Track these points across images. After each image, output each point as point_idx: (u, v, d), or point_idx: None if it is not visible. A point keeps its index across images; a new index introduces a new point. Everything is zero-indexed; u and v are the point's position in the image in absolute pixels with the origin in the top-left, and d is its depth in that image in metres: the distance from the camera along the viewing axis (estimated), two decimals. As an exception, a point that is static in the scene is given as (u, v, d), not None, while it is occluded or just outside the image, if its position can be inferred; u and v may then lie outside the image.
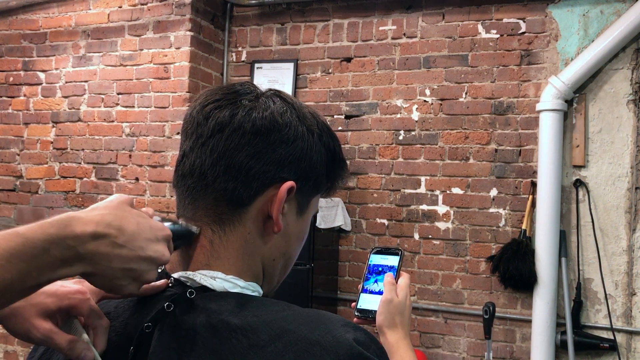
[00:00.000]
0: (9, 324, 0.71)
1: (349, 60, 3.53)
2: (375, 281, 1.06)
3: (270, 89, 0.81)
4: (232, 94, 0.77)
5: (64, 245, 0.61)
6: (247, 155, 0.74)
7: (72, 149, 3.76)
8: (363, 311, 1.04)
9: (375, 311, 1.01)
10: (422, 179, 3.37)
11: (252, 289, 0.76)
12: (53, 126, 3.81)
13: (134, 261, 0.65)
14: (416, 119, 3.38)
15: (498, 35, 3.24)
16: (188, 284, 0.73)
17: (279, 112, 0.77)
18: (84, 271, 0.64)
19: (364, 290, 1.07)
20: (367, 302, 1.04)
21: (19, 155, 3.89)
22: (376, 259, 1.09)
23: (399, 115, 3.42)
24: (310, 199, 0.81)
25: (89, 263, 0.63)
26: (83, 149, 3.73)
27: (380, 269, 1.07)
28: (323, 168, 0.80)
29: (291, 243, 0.81)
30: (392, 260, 1.08)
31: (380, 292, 1.03)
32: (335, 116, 3.55)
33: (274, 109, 0.77)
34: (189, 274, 0.74)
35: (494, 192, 3.23)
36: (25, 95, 3.88)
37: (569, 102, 3.06)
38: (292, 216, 0.79)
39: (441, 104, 3.34)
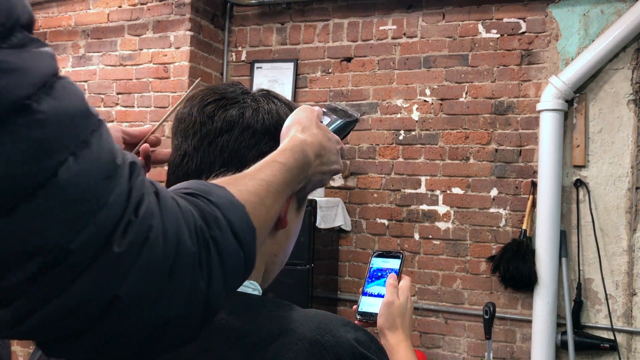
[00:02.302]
0: None
1: (349, 60, 3.53)
2: (377, 284, 1.07)
3: (260, 89, 0.82)
4: (231, 94, 0.78)
5: (304, 171, 0.70)
6: (258, 154, 0.74)
7: (71, 149, 3.76)
8: (364, 314, 1.04)
9: (376, 314, 1.01)
10: (422, 179, 3.37)
11: (252, 287, 0.77)
12: (53, 126, 3.81)
13: (327, 175, 0.76)
14: (416, 119, 3.38)
15: (498, 35, 3.24)
16: None
17: (284, 111, 0.79)
18: (301, 187, 0.72)
19: (365, 294, 1.07)
20: (368, 305, 1.05)
21: (18, 155, 3.89)
22: (377, 262, 1.10)
23: (399, 115, 3.42)
24: (307, 196, 0.83)
25: (306, 180, 0.72)
26: (83, 149, 3.73)
27: (380, 273, 1.09)
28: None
29: (290, 239, 0.83)
30: (394, 263, 1.09)
31: (381, 295, 1.04)
32: (335, 116, 3.54)
33: (278, 108, 0.78)
34: None
35: (494, 192, 3.23)
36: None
37: (569, 102, 3.06)
38: (292, 212, 0.80)
39: (441, 104, 3.34)
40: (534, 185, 3.12)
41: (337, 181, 3.54)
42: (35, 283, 0.44)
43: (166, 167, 0.83)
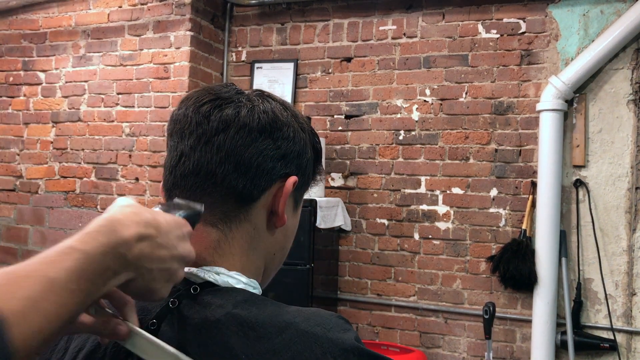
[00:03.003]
0: None
1: (349, 60, 3.53)
2: None
3: (254, 90, 0.83)
4: (225, 94, 0.79)
5: (115, 254, 0.57)
6: (255, 153, 0.75)
7: (72, 149, 3.76)
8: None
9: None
10: (422, 179, 3.37)
11: (253, 285, 0.77)
12: (53, 126, 3.81)
13: (169, 261, 0.62)
14: (416, 119, 3.38)
15: (498, 35, 3.24)
16: (192, 279, 0.74)
17: (279, 110, 0.79)
18: (128, 278, 0.59)
19: None
20: None
21: (18, 155, 3.89)
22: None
23: (399, 115, 3.42)
24: (303, 194, 0.85)
25: (133, 269, 0.59)
26: (83, 149, 3.73)
27: None
28: (312, 164, 0.84)
29: (288, 238, 0.84)
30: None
31: None
32: (335, 116, 3.55)
33: (273, 107, 0.79)
34: (193, 270, 0.74)
35: (494, 192, 3.23)
36: (25, 95, 3.89)
37: (569, 102, 3.06)
38: (289, 211, 0.81)
39: (441, 104, 3.34)
40: (533, 185, 3.12)
41: (337, 181, 3.54)
42: None
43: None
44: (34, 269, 0.52)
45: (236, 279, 0.75)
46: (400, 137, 3.41)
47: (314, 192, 3.02)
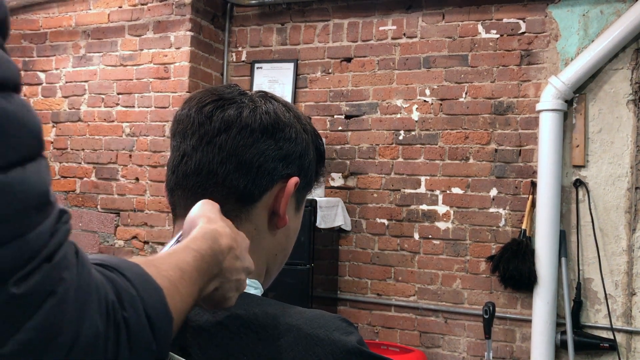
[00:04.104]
0: None
1: (349, 60, 3.53)
2: None
3: (257, 91, 0.83)
4: (228, 95, 0.79)
5: (216, 261, 0.61)
6: (257, 153, 0.76)
7: (72, 149, 3.76)
8: None
9: None
10: (422, 179, 3.37)
11: (255, 286, 0.78)
12: (53, 126, 3.81)
13: (240, 272, 0.66)
14: (416, 119, 3.38)
15: (498, 35, 3.24)
16: None
17: (282, 111, 0.79)
18: (215, 287, 0.62)
19: None
20: None
21: (19, 155, 3.89)
22: None
23: (399, 115, 3.42)
24: (305, 195, 0.85)
25: (220, 277, 0.62)
26: (83, 149, 3.73)
27: None
28: (314, 165, 0.84)
29: (290, 238, 0.84)
30: None
31: None
32: (335, 116, 3.55)
33: (276, 108, 0.79)
34: None
35: (494, 192, 3.23)
36: (25, 95, 3.88)
37: (568, 102, 3.06)
38: (291, 212, 0.81)
39: (441, 104, 3.34)
40: (533, 185, 3.12)
41: (337, 181, 3.54)
42: None
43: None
44: (165, 261, 0.57)
45: None
46: (400, 137, 3.42)
47: (314, 192, 3.02)
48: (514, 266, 3.01)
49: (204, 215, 0.66)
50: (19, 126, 0.41)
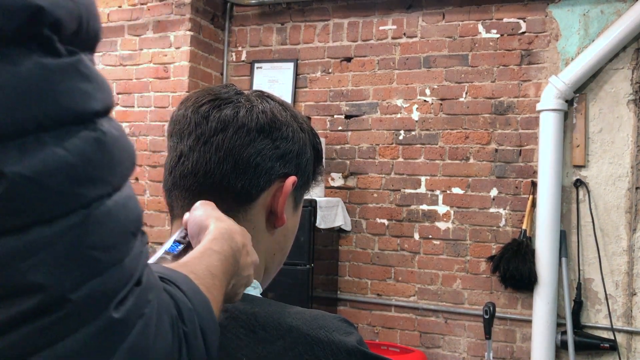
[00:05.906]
0: None
1: (349, 60, 3.53)
2: None
3: (254, 90, 0.83)
4: (224, 94, 0.79)
5: (235, 260, 0.62)
6: (254, 152, 0.75)
7: (71, 149, 3.75)
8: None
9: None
10: (422, 179, 3.37)
11: (254, 286, 0.77)
12: (53, 126, 3.81)
13: (250, 267, 0.66)
14: (416, 118, 3.38)
15: (498, 35, 3.24)
16: None
17: (278, 110, 0.79)
18: (232, 284, 0.62)
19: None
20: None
21: (18, 155, 3.89)
22: None
23: (399, 115, 3.42)
24: (303, 194, 0.84)
25: (237, 275, 0.63)
26: (83, 149, 3.72)
27: None
28: (312, 164, 0.84)
29: (288, 238, 0.84)
30: None
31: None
32: (335, 116, 3.55)
33: (272, 107, 0.79)
34: None
35: (494, 192, 3.23)
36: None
37: (569, 102, 3.06)
38: (289, 211, 0.81)
39: (441, 104, 3.34)
40: (533, 185, 3.12)
41: (337, 181, 3.54)
42: (26, 324, 0.37)
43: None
44: (198, 267, 0.57)
45: None
46: (400, 137, 3.41)
47: (314, 192, 3.01)
48: (514, 266, 3.01)
49: (211, 215, 0.66)
50: (121, 151, 0.43)
